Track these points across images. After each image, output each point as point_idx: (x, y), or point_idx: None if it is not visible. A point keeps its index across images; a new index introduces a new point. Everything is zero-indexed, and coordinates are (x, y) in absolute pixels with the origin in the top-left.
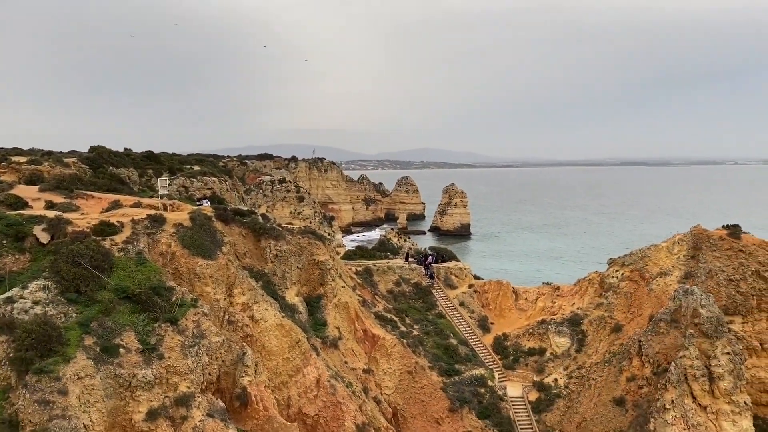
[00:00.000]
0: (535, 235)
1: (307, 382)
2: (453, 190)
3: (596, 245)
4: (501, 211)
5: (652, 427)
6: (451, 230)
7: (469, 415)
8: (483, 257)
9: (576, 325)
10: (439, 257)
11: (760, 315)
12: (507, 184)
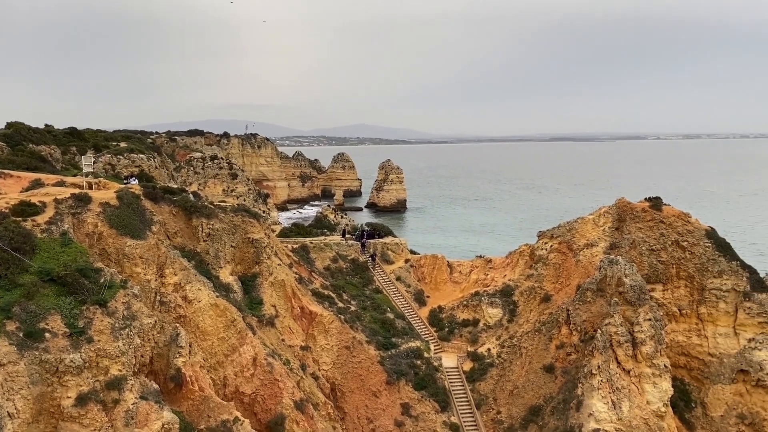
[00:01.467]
0: (469, 209)
1: (244, 361)
2: (389, 166)
3: (527, 218)
4: (436, 186)
5: (579, 391)
6: (388, 206)
7: (406, 387)
8: (419, 232)
9: (508, 296)
10: (375, 233)
11: (679, 282)
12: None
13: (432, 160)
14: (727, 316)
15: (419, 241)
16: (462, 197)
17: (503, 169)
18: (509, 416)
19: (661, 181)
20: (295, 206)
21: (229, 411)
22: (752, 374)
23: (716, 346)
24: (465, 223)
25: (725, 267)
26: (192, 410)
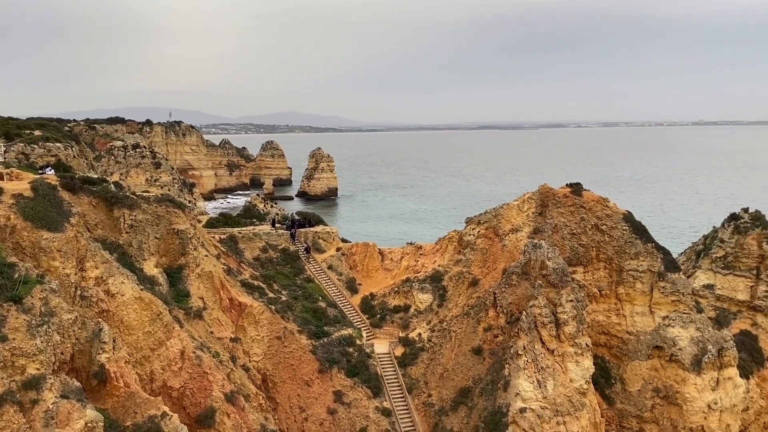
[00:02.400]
0: (399, 197)
1: (171, 354)
2: (320, 155)
3: (455, 205)
4: (367, 174)
5: (507, 372)
6: (319, 195)
7: (338, 375)
8: (351, 221)
9: (438, 281)
10: (306, 222)
11: (599, 264)
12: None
13: (363, 148)
14: (643, 296)
15: (351, 229)
16: (393, 185)
17: (432, 157)
18: (440, 399)
19: (581, 168)
20: (223, 196)
21: (156, 406)
22: (666, 350)
23: (633, 324)
24: (396, 211)
25: (641, 249)
26: (117, 407)
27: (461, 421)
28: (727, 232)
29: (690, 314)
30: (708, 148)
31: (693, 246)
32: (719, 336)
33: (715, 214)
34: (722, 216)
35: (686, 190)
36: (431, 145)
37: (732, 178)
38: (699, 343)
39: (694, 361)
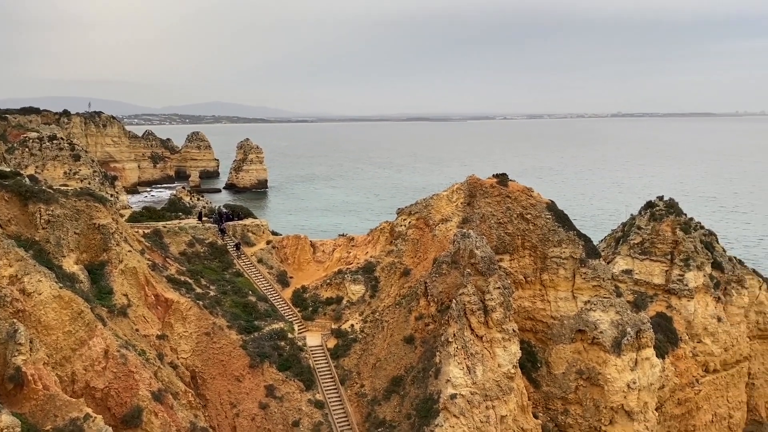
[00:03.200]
0: (331, 189)
1: (94, 354)
2: (248, 146)
3: (387, 196)
4: (298, 166)
5: (437, 359)
6: (248, 187)
7: (270, 369)
8: (281, 213)
9: (370, 272)
10: (234, 215)
11: (524, 252)
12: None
13: (293, 139)
14: (566, 282)
15: (282, 221)
16: (324, 176)
17: (364, 148)
18: (372, 389)
19: (507, 158)
20: (147, 189)
21: (78, 408)
22: (588, 333)
23: (557, 309)
24: (328, 203)
25: (564, 237)
26: (36, 411)
27: (394, 410)
28: (644, 219)
29: (610, 298)
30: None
31: (612, 233)
32: (637, 318)
33: (633, 202)
34: (639, 204)
35: (605, 179)
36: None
37: (648, 167)
38: (618, 325)
39: (614, 343)
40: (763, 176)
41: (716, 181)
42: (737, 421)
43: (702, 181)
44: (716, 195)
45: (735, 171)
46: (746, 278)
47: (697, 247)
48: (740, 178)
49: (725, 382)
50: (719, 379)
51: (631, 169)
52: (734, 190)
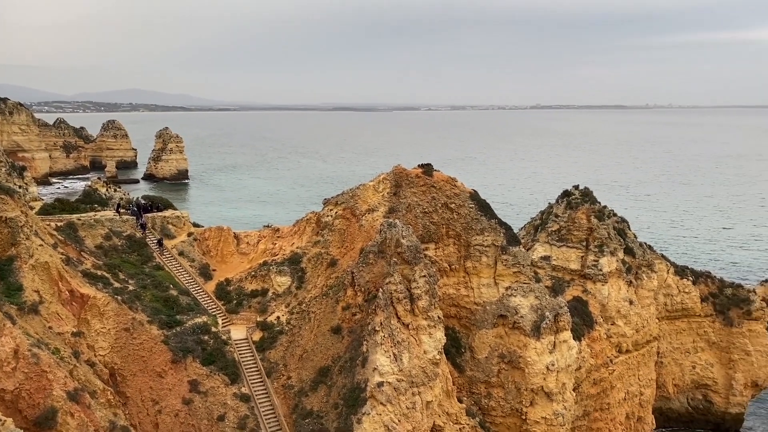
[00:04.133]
0: (255, 179)
1: (2, 354)
2: (167, 135)
3: (313, 186)
4: (220, 156)
5: (365, 348)
6: (168, 177)
7: (193, 364)
8: (204, 204)
9: (296, 263)
10: (153, 206)
11: (449, 241)
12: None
13: (214, 128)
14: (488, 269)
15: (204, 213)
16: (248, 166)
17: (289, 137)
18: (299, 380)
19: (432, 148)
20: (60, 179)
21: None
22: (509, 318)
23: (480, 295)
24: (252, 193)
25: (486, 225)
26: None
27: (321, 400)
28: (561, 207)
29: (530, 284)
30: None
31: (531, 221)
32: (555, 303)
33: (551, 191)
34: (557, 192)
35: (525, 169)
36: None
37: (564, 157)
38: (538, 310)
39: (533, 327)
40: (670, 164)
41: (627, 170)
42: (647, 397)
43: (614, 170)
44: (627, 183)
45: (644, 160)
46: (655, 263)
47: (610, 234)
48: (649, 167)
49: (636, 361)
50: (631, 359)
51: (549, 159)
52: (643, 178)
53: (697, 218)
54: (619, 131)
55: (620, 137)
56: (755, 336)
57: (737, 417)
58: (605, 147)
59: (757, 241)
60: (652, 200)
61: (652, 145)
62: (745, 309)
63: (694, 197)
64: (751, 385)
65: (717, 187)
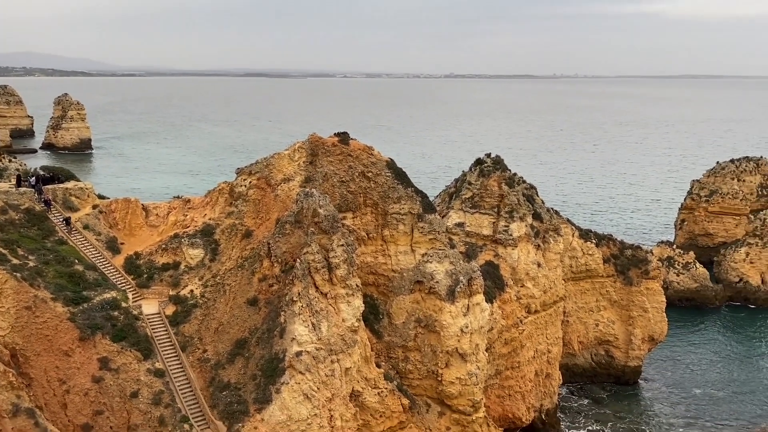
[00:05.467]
0: (164, 148)
1: None
2: (67, 102)
3: (225, 156)
4: (126, 124)
5: (282, 319)
6: (69, 147)
7: (103, 341)
8: (109, 175)
9: (209, 235)
10: (55, 178)
11: (366, 210)
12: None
13: (119, 94)
14: (405, 237)
15: (109, 184)
16: (156, 136)
17: (199, 104)
18: (216, 353)
19: (347, 116)
20: None
21: None
22: (426, 284)
23: (398, 263)
24: (160, 164)
25: (403, 193)
26: None
27: (238, 372)
28: (474, 175)
29: (444, 250)
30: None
31: (446, 189)
32: (469, 268)
33: (465, 159)
34: (470, 161)
35: (440, 137)
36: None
37: (478, 126)
38: (452, 275)
39: (448, 292)
40: (576, 132)
41: (536, 138)
42: (555, 355)
43: (524, 138)
44: (536, 151)
45: (552, 128)
46: (561, 227)
47: (520, 200)
48: (557, 135)
49: (544, 321)
50: (539, 319)
51: (463, 128)
52: (551, 146)
53: (600, 184)
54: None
55: (529, 106)
56: (652, 294)
57: (636, 369)
58: (515, 115)
59: (656, 204)
60: (559, 167)
61: (559, 114)
62: (643, 269)
63: (599, 163)
64: (648, 340)
65: (620, 153)
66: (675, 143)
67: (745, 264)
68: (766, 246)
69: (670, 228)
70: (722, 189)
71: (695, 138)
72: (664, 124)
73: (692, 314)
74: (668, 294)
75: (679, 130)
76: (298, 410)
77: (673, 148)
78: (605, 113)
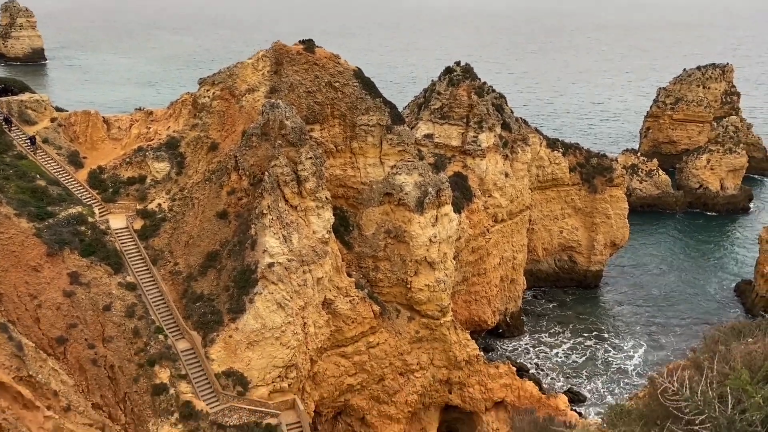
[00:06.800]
0: (122, 59)
1: None
2: (15, 8)
3: (187, 65)
4: (81, 32)
5: (253, 232)
6: (21, 57)
7: (71, 256)
8: (65, 87)
9: (174, 148)
10: (7, 90)
11: (334, 121)
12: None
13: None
14: (374, 149)
15: (67, 96)
16: (112, 44)
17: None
18: (187, 266)
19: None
20: None
21: None
22: (395, 195)
23: (367, 175)
24: (118, 75)
25: (371, 104)
26: None
27: (211, 284)
28: (443, 84)
29: (414, 162)
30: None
31: (415, 99)
32: (437, 179)
33: (433, 68)
34: (439, 70)
35: (408, 45)
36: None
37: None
38: (421, 186)
39: (417, 203)
40: (547, 40)
41: (506, 46)
42: (520, 261)
43: (493, 46)
44: (505, 59)
45: (523, 36)
46: (529, 137)
47: (489, 110)
48: (527, 43)
49: (510, 229)
50: (506, 228)
51: (432, 35)
52: (521, 54)
53: (570, 93)
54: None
55: (501, 12)
56: (615, 201)
57: (597, 274)
58: (486, 23)
59: (624, 113)
60: (528, 76)
61: (532, 22)
62: (607, 177)
63: (570, 72)
64: (610, 245)
65: (589, 61)
66: (646, 49)
67: (705, 170)
68: (726, 153)
69: (637, 136)
70: (687, 96)
71: (665, 45)
72: (635, 30)
73: (653, 220)
74: (631, 201)
75: (651, 37)
76: (272, 318)
77: (643, 55)
78: (578, 18)
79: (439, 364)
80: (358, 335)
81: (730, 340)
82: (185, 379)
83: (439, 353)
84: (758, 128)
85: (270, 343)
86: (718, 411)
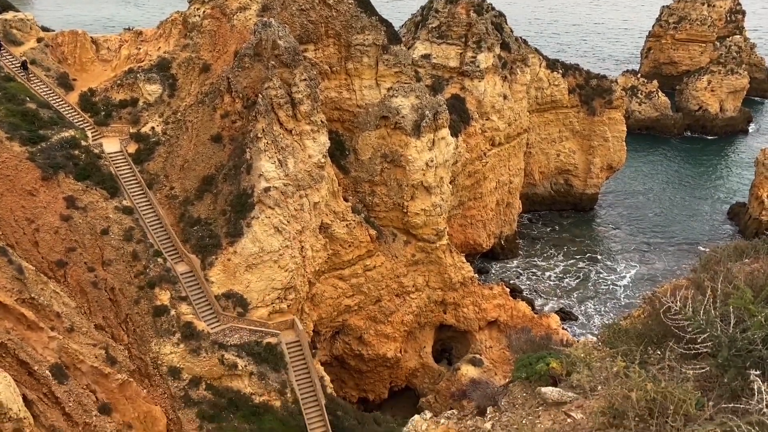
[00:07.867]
0: None
1: None
2: None
3: None
4: None
5: (248, 156)
6: None
7: (66, 180)
8: (49, 7)
9: (165, 69)
10: None
11: (328, 41)
12: None
13: None
14: (370, 70)
15: (52, 16)
16: None
17: None
18: (183, 190)
19: None
20: None
21: None
22: (391, 119)
23: (363, 98)
24: None
25: (366, 23)
26: None
27: (208, 208)
28: (441, 2)
29: (410, 84)
30: None
31: (412, 17)
32: (435, 102)
33: None
34: None
35: None
36: None
37: None
38: (418, 109)
39: (414, 127)
40: None
41: None
42: (516, 185)
43: None
44: None
45: None
46: (529, 57)
47: (488, 29)
48: None
49: (507, 153)
50: (503, 151)
51: None
52: None
53: (571, 12)
54: None
55: None
56: (614, 123)
57: (593, 197)
58: None
59: (626, 32)
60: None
61: None
62: (607, 98)
63: None
64: (606, 168)
65: None
66: None
67: (705, 92)
68: (728, 73)
69: (638, 57)
70: (691, 15)
71: None
72: None
73: (650, 142)
74: (629, 123)
75: None
76: (269, 242)
77: None
78: None
79: (435, 286)
80: (355, 258)
81: (728, 261)
82: (185, 301)
83: (435, 275)
84: (762, 48)
85: (268, 266)
86: (720, 330)
